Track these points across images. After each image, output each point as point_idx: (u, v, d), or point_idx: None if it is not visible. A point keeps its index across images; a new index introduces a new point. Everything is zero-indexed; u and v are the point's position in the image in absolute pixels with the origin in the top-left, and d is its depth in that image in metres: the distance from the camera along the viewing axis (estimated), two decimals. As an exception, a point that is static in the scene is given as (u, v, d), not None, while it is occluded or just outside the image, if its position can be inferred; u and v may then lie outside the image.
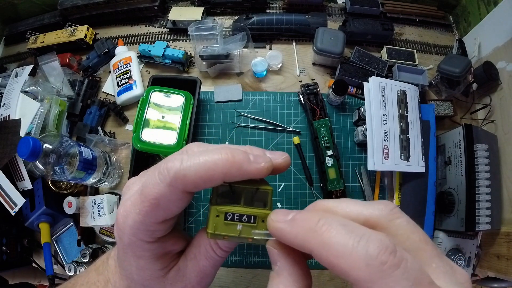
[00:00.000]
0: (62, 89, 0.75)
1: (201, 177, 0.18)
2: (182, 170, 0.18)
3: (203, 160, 0.18)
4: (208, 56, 0.75)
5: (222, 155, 0.18)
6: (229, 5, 0.86)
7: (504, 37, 0.68)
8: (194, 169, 0.18)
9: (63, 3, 0.84)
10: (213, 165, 0.18)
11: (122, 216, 0.20)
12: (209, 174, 0.18)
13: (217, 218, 0.19)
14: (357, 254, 0.14)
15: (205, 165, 0.18)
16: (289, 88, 0.79)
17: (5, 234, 0.65)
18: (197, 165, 0.18)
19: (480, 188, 0.60)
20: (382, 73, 0.76)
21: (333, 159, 0.67)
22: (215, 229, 0.19)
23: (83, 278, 0.26)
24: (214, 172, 0.18)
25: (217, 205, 0.20)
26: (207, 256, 0.22)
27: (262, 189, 0.20)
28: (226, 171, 0.18)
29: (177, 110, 0.65)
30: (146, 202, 0.19)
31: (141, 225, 0.20)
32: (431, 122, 0.68)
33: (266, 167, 0.19)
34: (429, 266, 0.16)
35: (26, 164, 0.65)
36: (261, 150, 0.22)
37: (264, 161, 0.19)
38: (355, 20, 0.79)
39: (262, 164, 0.19)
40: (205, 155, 0.18)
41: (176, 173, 0.18)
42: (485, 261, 0.65)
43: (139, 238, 0.20)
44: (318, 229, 0.16)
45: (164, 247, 0.22)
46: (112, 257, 0.25)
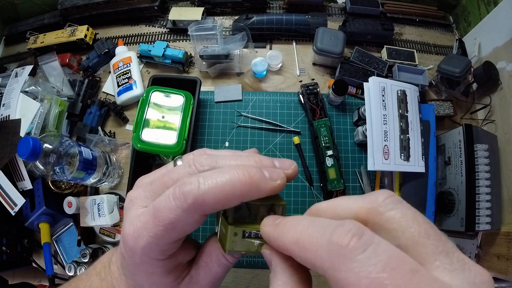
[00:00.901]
0: (62, 89, 0.75)
1: (220, 201, 0.18)
2: (201, 196, 0.17)
3: (221, 184, 0.17)
4: (208, 56, 0.75)
5: (239, 175, 0.18)
6: (229, 5, 0.86)
7: (504, 37, 0.68)
8: (212, 193, 0.17)
9: (63, 3, 0.84)
10: (231, 188, 0.17)
11: (132, 238, 0.20)
12: (228, 198, 0.18)
13: (235, 236, 0.20)
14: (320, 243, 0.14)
15: (224, 189, 0.17)
16: (289, 88, 0.79)
17: (5, 234, 0.65)
18: (215, 188, 0.17)
19: (480, 188, 0.60)
20: (382, 73, 0.76)
21: (333, 159, 0.67)
22: (234, 246, 0.20)
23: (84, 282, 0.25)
24: (233, 195, 0.18)
25: (234, 224, 0.20)
26: (219, 263, 0.22)
27: (277, 204, 0.20)
28: (245, 194, 0.18)
29: (177, 110, 0.65)
30: (160, 226, 0.18)
31: (155, 246, 0.19)
32: (431, 122, 0.68)
33: (282, 184, 0.19)
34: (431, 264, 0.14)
35: (26, 164, 0.65)
36: (269, 159, 0.22)
37: (278, 177, 0.19)
38: (355, 20, 0.79)
39: (278, 181, 0.19)
40: (222, 176, 0.18)
41: (195, 199, 0.17)
42: (485, 261, 0.65)
43: (152, 257, 0.20)
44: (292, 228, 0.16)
45: (176, 260, 0.22)
46: (114, 263, 0.24)
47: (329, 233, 0.14)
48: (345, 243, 0.13)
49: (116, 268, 0.24)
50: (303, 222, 0.16)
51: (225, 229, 0.20)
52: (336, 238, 0.14)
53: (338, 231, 0.14)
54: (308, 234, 0.15)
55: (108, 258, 0.25)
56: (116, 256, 0.24)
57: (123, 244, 0.21)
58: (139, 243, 0.19)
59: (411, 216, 0.15)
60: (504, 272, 0.60)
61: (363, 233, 0.14)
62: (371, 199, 0.16)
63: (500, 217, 0.63)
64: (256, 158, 0.21)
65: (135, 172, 0.65)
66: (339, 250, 0.13)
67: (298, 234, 0.16)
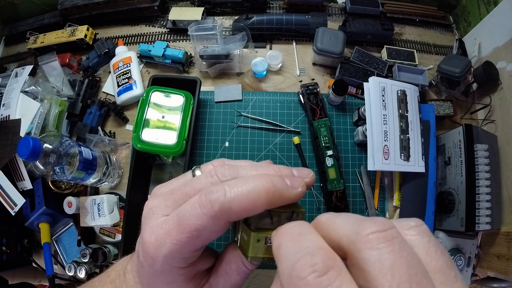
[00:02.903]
0: (62, 89, 0.75)
1: (246, 208, 0.18)
2: (227, 203, 0.18)
3: (246, 191, 0.18)
4: (208, 56, 0.75)
5: (264, 183, 0.18)
6: (229, 5, 0.86)
7: (504, 37, 0.68)
8: (239, 201, 0.18)
9: (63, 3, 0.84)
10: (257, 196, 0.18)
11: (154, 246, 0.20)
12: (254, 205, 0.18)
13: (257, 243, 0.20)
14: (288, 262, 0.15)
15: (249, 196, 0.18)
16: (289, 88, 0.79)
17: (5, 234, 0.65)
18: (241, 196, 0.18)
19: (480, 188, 0.60)
20: (382, 73, 0.76)
21: (333, 159, 0.67)
22: (257, 253, 0.20)
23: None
24: (258, 202, 0.18)
25: (257, 231, 0.20)
26: (239, 271, 0.22)
27: (296, 211, 0.21)
28: (269, 201, 0.19)
29: (177, 110, 0.65)
30: (185, 233, 0.19)
31: (177, 254, 0.19)
32: (431, 122, 0.68)
33: (303, 191, 0.20)
34: None
35: (26, 164, 0.65)
36: (288, 169, 0.22)
37: (299, 185, 0.20)
38: (355, 20, 0.79)
39: (299, 189, 0.20)
40: (247, 184, 0.18)
41: (222, 206, 0.18)
42: (485, 261, 0.65)
43: (173, 266, 0.20)
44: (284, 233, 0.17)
45: (196, 268, 0.22)
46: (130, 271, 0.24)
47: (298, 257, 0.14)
48: (302, 276, 0.13)
49: (131, 276, 0.24)
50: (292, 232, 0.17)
51: (247, 236, 0.21)
52: (298, 267, 0.14)
53: (303, 261, 0.14)
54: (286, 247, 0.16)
55: (122, 266, 0.25)
56: (132, 264, 0.24)
57: (143, 252, 0.20)
58: (161, 251, 0.19)
59: (388, 264, 0.13)
60: (504, 272, 0.60)
61: (326, 272, 0.13)
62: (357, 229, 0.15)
63: (500, 217, 0.63)
64: (276, 168, 0.22)
65: (135, 172, 0.65)
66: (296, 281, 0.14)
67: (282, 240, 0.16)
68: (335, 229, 0.16)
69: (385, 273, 0.13)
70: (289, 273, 0.14)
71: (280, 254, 0.16)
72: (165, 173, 0.73)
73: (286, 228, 0.17)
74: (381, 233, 0.14)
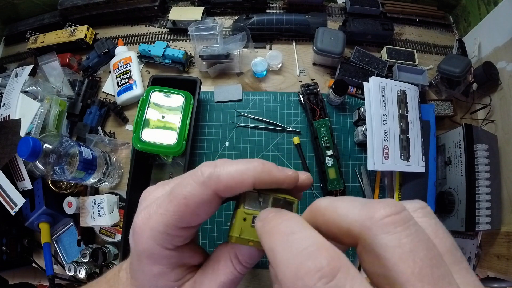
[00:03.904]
0: (62, 89, 0.75)
1: (234, 179, 0.19)
2: (217, 172, 0.19)
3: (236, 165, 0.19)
4: (208, 56, 0.75)
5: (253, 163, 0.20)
6: (229, 5, 0.86)
7: (504, 37, 0.68)
8: (227, 171, 0.19)
9: (63, 3, 0.84)
10: (245, 169, 0.19)
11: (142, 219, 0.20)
12: (242, 177, 0.19)
13: (244, 221, 0.20)
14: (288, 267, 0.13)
15: (238, 168, 0.19)
16: (289, 88, 0.79)
17: (5, 234, 0.65)
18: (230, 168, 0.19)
19: (480, 188, 0.60)
20: (382, 73, 0.76)
21: (333, 159, 0.67)
22: (241, 233, 0.19)
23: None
24: (246, 175, 0.19)
25: (244, 209, 0.20)
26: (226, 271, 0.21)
27: (288, 199, 0.21)
28: (257, 175, 0.19)
29: (177, 110, 0.65)
30: (174, 201, 0.19)
31: (164, 227, 0.19)
32: (431, 122, 0.68)
33: (294, 176, 0.21)
34: None
35: (26, 164, 0.65)
36: None
37: (291, 171, 0.21)
38: (355, 20, 0.79)
39: (290, 173, 0.21)
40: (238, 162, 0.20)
41: (211, 174, 0.19)
42: (485, 261, 0.65)
43: (158, 243, 0.20)
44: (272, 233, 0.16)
45: (181, 258, 0.21)
46: (124, 269, 0.24)
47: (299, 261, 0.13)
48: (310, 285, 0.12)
49: (124, 273, 0.24)
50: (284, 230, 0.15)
51: (235, 216, 0.20)
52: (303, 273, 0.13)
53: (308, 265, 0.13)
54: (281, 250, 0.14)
55: (119, 266, 0.25)
56: (126, 263, 0.24)
57: (132, 230, 0.21)
58: (148, 223, 0.20)
59: (408, 248, 0.12)
60: (504, 272, 0.60)
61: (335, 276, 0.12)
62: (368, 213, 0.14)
63: (500, 217, 0.63)
64: None
65: (135, 172, 0.65)
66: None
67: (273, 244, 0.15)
68: (341, 214, 0.15)
69: (406, 259, 0.12)
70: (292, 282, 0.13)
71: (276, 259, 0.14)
72: (165, 173, 0.73)
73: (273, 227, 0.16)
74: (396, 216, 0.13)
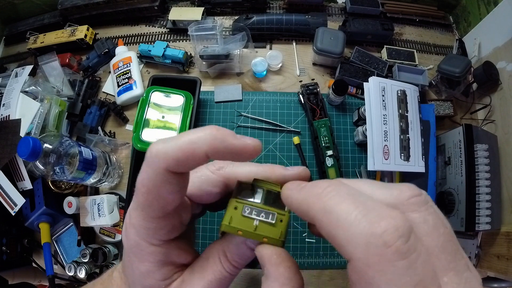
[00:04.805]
0: (62, 89, 0.75)
1: (183, 151, 0.17)
2: (163, 148, 0.17)
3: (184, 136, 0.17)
4: (208, 56, 0.75)
5: (206, 129, 0.17)
6: (229, 5, 0.86)
7: (504, 37, 0.68)
8: (175, 143, 0.17)
9: (63, 3, 0.84)
10: (195, 138, 0.17)
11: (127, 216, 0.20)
12: (191, 147, 0.17)
13: (235, 210, 0.19)
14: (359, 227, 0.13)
15: (187, 138, 0.17)
16: (289, 88, 0.79)
17: (5, 234, 0.65)
18: (177, 140, 0.17)
19: (480, 188, 0.60)
20: (382, 73, 0.76)
21: (333, 159, 0.67)
22: (231, 221, 0.19)
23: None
24: (196, 145, 0.17)
25: (236, 198, 0.19)
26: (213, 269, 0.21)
27: None
28: (209, 144, 0.17)
29: (177, 110, 0.65)
30: (137, 191, 0.18)
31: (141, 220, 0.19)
32: (431, 122, 0.68)
33: (253, 144, 0.18)
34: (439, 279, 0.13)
35: (26, 164, 0.65)
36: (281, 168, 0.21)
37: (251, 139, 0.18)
38: (355, 20, 0.79)
39: (249, 141, 0.18)
40: (188, 132, 0.17)
41: (158, 151, 0.17)
42: (485, 261, 0.65)
43: (141, 238, 0.20)
44: (324, 195, 0.15)
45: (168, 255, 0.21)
46: (118, 269, 0.24)
47: (372, 220, 0.13)
48: (390, 243, 0.12)
49: (118, 273, 0.24)
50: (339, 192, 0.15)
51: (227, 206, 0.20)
52: (380, 231, 0.12)
53: (385, 223, 0.12)
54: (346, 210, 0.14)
55: (114, 267, 0.26)
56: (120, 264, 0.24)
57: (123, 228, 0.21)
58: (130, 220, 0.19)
59: (432, 224, 0.14)
60: (504, 272, 0.60)
61: (410, 236, 0.12)
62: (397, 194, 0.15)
63: (500, 217, 0.63)
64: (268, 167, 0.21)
65: (135, 172, 0.65)
66: (380, 247, 0.12)
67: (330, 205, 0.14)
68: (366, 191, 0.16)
69: (430, 232, 0.14)
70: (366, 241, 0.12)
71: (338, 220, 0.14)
72: (165, 173, 0.73)
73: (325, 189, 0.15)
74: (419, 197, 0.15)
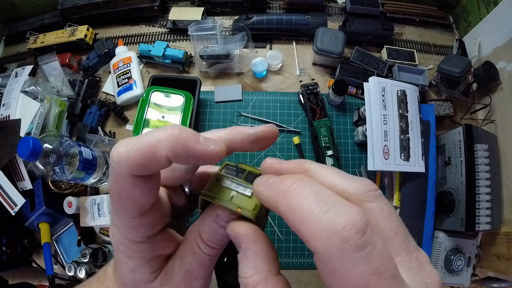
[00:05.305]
0: (62, 89, 0.75)
1: (143, 155, 0.16)
2: (125, 153, 0.16)
3: (145, 138, 0.16)
4: (208, 56, 0.75)
5: (167, 130, 0.17)
6: (229, 5, 0.86)
7: (504, 37, 0.68)
8: (136, 147, 0.16)
9: (63, 3, 0.84)
10: (155, 141, 0.16)
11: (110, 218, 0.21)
12: (152, 151, 0.16)
13: (216, 181, 0.20)
14: (320, 224, 0.14)
15: (148, 142, 0.16)
16: (289, 88, 0.79)
17: (5, 234, 0.65)
18: (138, 143, 0.16)
19: (480, 188, 0.60)
20: (382, 73, 0.76)
21: (333, 159, 0.67)
22: (210, 190, 0.19)
23: None
24: (156, 148, 0.16)
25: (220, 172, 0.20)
26: (192, 252, 0.20)
27: None
28: (170, 147, 0.16)
29: (177, 110, 0.65)
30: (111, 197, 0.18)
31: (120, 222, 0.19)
32: (431, 122, 0.68)
33: (216, 150, 0.17)
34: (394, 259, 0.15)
35: (26, 164, 0.65)
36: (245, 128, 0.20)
37: (214, 144, 0.17)
38: (355, 20, 0.79)
39: (212, 146, 0.17)
40: (150, 134, 0.17)
41: (119, 157, 0.16)
42: (485, 261, 0.65)
43: (125, 237, 0.19)
44: (289, 193, 0.16)
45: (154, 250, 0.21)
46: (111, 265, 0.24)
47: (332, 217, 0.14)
48: (349, 238, 0.13)
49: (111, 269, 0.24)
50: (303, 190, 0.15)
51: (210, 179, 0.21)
52: (339, 227, 0.13)
53: (343, 219, 0.13)
54: (307, 208, 0.15)
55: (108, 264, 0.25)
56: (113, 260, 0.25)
57: None
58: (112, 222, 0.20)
59: (387, 212, 0.16)
60: (504, 272, 0.60)
61: (366, 230, 0.13)
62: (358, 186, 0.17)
63: (500, 217, 0.63)
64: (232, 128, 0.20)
65: (135, 172, 0.65)
66: (339, 243, 0.13)
67: (295, 203, 0.15)
68: (331, 181, 0.17)
69: (386, 218, 0.16)
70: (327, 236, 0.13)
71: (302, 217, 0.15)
72: (165, 173, 0.73)
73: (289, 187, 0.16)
74: (376, 192, 0.17)
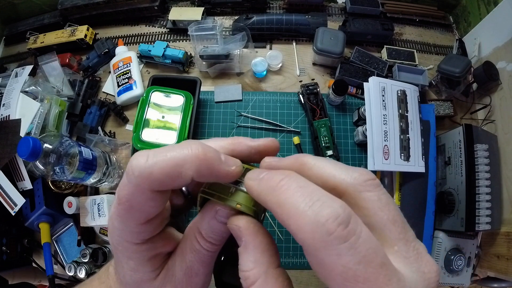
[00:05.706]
0: (62, 89, 0.75)
1: (168, 174, 0.16)
2: (148, 168, 0.16)
3: (170, 156, 0.16)
4: (208, 56, 0.75)
5: (192, 150, 0.17)
6: (229, 5, 0.86)
7: (504, 37, 0.68)
8: (159, 166, 0.16)
9: (63, 3, 0.84)
10: (181, 161, 0.16)
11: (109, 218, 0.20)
12: (177, 171, 0.16)
13: None
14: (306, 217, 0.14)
15: (172, 161, 0.16)
16: (289, 88, 0.79)
17: (5, 234, 0.65)
18: (162, 161, 0.16)
19: (480, 188, 0.60)
20: (382, 73, 0.76)
21: (333, 159, 0.67)
22: (209, 187, 0.19)
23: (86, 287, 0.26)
24: (182, 168, 0.16)
25: None
26: (191, 248, 0.20)
27: None
28: (196, 169, 0.17)
29: (177, 110, 0.65)
30: (120, 204, 0.18)
31: (124, 227, 0.19)
32: (431, 122, 0.68)
33: (237, 171, 0.19)
34: (391, 248, 0.16)
35: (26, 164, 0.65)
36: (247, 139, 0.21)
37: (234, 164, 0.19)
38: (355, 20, 0.79)
39: (233, 167, 0.18)
40: (173, 151, 0.17)
41: (141, 172, 0.16)
42: (485, 261, 0.65)
43: (125, 239, 0.19)
44: (277, 189, 0.16)
45: (154, 249, 0.21)
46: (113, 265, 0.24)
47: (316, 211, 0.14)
48: (332, 230, 0.13)
49: (112, 268, 0.24)
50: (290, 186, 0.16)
51: None
52: (323, 220, 0.14)
53: (326, 212, 0.14)
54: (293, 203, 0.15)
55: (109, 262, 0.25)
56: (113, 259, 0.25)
57: None
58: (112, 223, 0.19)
59: (385, 201, 0.17)
60: (504, 272, 0.60)
61: (349, 222, 0.14)
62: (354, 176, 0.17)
63: (500, 217, 0.63)
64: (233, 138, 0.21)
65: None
66: (323, 235, 0.14)
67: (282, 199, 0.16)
68: (329, 173, 0.17)
69: (383, 209, 0.16)
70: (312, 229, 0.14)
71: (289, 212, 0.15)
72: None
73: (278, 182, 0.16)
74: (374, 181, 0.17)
